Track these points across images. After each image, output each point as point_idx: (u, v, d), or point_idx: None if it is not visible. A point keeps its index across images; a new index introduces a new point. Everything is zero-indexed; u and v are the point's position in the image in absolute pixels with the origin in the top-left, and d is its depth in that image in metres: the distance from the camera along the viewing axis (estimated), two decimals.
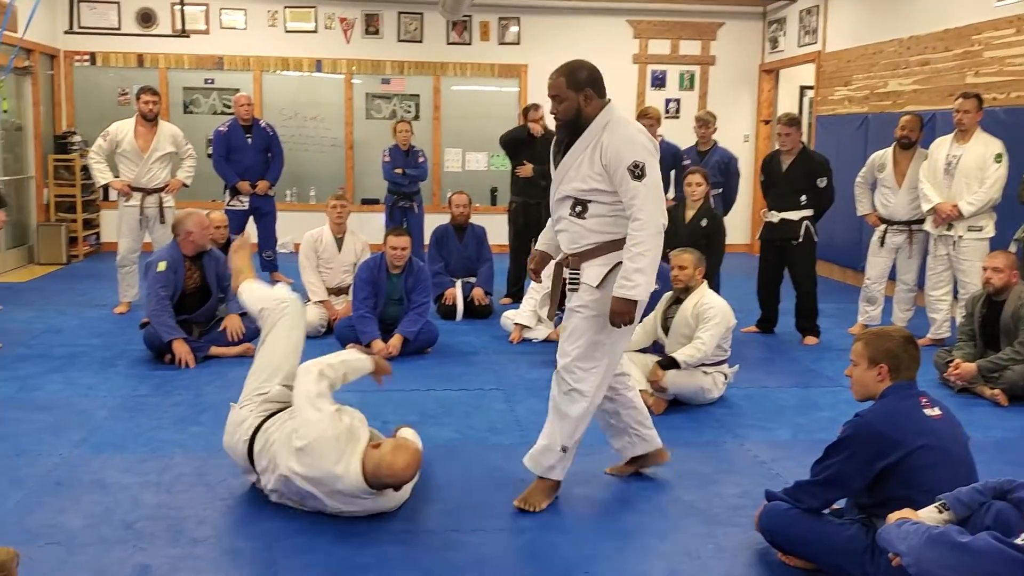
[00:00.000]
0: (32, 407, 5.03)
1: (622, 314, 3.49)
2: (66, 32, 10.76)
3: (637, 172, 3.41)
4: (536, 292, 6.91)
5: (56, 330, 6.88)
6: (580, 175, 3.52)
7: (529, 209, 8.21)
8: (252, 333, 6.35)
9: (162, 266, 6.02)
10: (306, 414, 3.54)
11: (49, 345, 6.41)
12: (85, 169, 7.94)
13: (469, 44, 11.57)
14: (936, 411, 3.12)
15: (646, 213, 3.42)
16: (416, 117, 11.53)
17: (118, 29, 11.02)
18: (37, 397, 5.24)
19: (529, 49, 11.62)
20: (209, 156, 9.57)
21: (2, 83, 8.72)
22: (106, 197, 10.25)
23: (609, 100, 3.57)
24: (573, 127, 3.54)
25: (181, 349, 5.87)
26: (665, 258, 6.40)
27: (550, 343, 6.62)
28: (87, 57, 11.12)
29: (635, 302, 3.49)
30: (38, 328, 6.93)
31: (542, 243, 4.03)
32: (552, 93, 3.52)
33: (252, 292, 4.20)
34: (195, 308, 6.20)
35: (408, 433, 4.09)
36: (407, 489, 3.76)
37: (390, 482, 3.50)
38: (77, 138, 10.64)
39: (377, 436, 3.75)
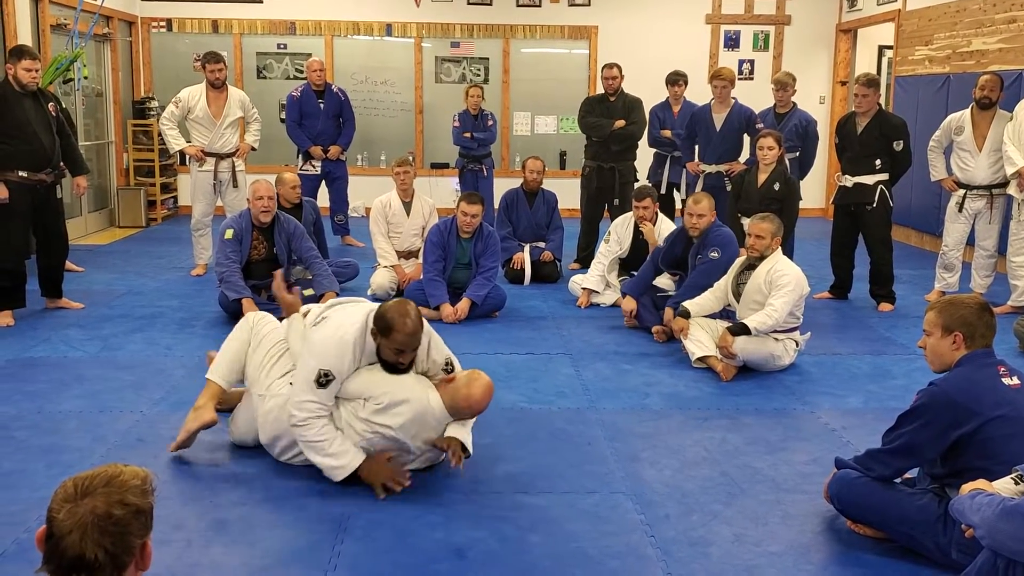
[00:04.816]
0: (114, 366, 5.21)
1: None
2: None
3: (449, 368, 3.81)
4: (604, 257, 6.89)
5: (136, 292, 7.09)
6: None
7: (603, 173, 8.19)
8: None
9: (229, 233, 6.16)
10: (370, 378, 3.64)
11: (130, 306, 6.61)
12: (161, 134, 8.10)
13: (539, 6, 11.47)
14: (1015, 380, 3.05)
15: None
16: (485, 81, 11.49)
17: None
18: (119, 356, 5.41)
19: (599, 10, 11.47)
20: (282, 121, 9.71)
21: (83, 50, 8.92)
22: (183, 162, 10.45)
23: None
24: None
25: (250, 309, 5.97)
26: (737, 222, 6.37)
27: (617, 308, 6.61)
28: (163, 23, 11.32)
29: None
30: (120, 289, 7.14)
31: None
32: (411, 354, 3.68)
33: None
34: (263, 276, 6.31)
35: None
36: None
37: (467, 413, 3.66)
38: (155, 104, 10.87)
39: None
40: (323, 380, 3.56)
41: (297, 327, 3.94)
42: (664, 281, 6.33)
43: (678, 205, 8.52)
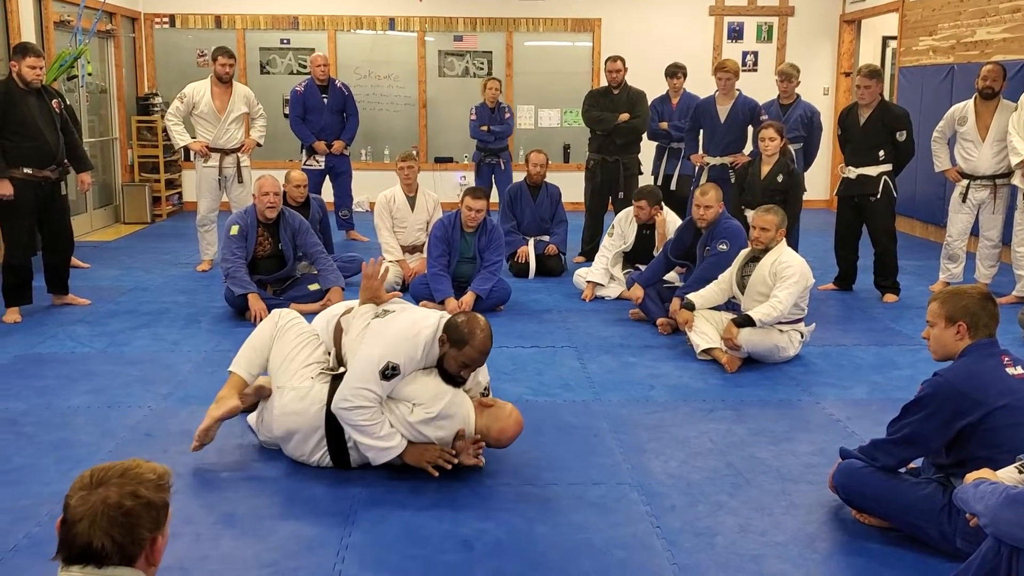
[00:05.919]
0: (122, 361, 5.24)
1: None
2: None
3: (486, 393, 3.91)
4: (608, 251, 6.90)
5: (143, 288, 7.11)
6: None
7: (607, 167, 8.20)
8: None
9: (234, 230, 6.18)
10: (425, 383, 3.65)
11: (137, 302, 6.64)
12: (167, 130, 8.12)
13: None
14: (1018, 370, 3.05)
15: None
16: (489, 74, 11.49)
17: None
18: (126, 352, 5.44)
19: (603, 3, 11.45)
20: (286, 116, 9.72)
21: (87, 47, 8.94)
22: (187, 158, 10.45)
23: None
24: None
25: (256, 304, 6.01)
26: (741, 214, 6.38)
27: (623, 301, 6.62)
28: (167, 19, 11.33)
29: None
30: (126, 285, 7.17)
31: None
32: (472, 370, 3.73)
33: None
34: (269, 272, 6.34)
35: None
36: None
37: (492, 442, 3.73)
38: (158, 100, 10.89)
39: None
40: (388, 372, 3.52)
41: (362, 320, 3.85)
42: (669, 274, 6.34)
43: None
